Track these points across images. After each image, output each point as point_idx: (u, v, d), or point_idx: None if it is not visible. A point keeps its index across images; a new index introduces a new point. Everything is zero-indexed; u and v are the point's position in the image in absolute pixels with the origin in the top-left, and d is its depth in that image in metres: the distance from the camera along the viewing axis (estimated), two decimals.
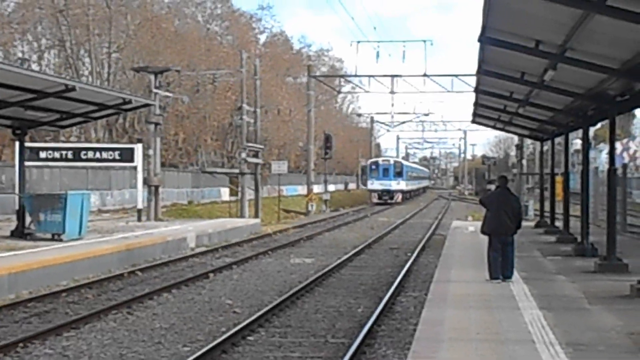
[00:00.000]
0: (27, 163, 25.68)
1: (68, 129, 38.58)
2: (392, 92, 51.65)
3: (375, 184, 70.79)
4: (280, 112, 64.68)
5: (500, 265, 15.39)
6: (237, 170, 44.12)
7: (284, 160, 51.88)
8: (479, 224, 16.98)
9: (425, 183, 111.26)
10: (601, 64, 14.63)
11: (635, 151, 77.38)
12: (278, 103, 65.11)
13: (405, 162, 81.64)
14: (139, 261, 21.61)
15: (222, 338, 11.75)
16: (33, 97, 20.58)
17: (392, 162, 74.40)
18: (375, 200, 69.53)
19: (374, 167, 72.18)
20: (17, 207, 24.50)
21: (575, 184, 31.05)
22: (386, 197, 69.79)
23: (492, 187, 36.03)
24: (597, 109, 19.57)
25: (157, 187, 35.11)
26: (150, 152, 34.80)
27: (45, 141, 41.39)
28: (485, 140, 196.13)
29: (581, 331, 10.67)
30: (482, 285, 14.96)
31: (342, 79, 63.64)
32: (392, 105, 73.97)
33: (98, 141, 52.26)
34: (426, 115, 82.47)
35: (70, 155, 31.65)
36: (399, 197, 71.26)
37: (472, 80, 33.34)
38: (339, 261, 22.50)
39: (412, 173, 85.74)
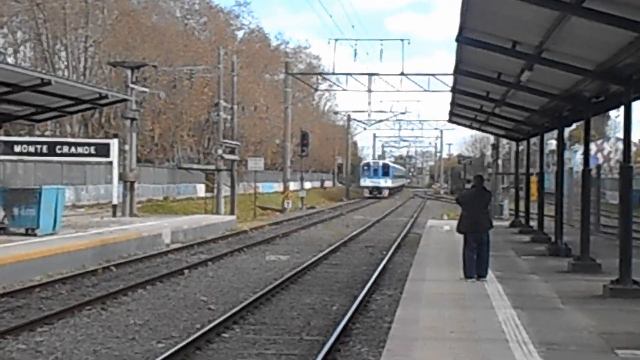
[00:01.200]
0: (1, 157, 25.48)
1: (43, 123, 38.31)
2: (369, 91, 51.50)
3: (367, 182, 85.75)
4: (257, 109, 64.47)
5: (475, 264, 15.46)
6: (213, 167, 43.95)
7: (261, 157, 51.78)
8: (454, 223, 17.05)
9: (404, 181, 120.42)
10: (577, 66, 14.72)
11: (609, 152, 78.10)
12: (255, 100, 64.88)
13: (391, 164, 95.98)
14: (114, 257, 21.52)
15: (196, 335, 11.74)
16: (8, 91, 20.43)
17: (381, 164, 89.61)
18: (366, 195, 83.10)
19: (366, 167, 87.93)
20: None
21: (549, 184, 31.19)
22: (376, 192, 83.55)
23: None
24: (572, 110, 19.71)
25: (132, 183, 34.92)
26: (126, 147, 34.59)
27: (20, 135, 41.06)
28: (461, 140, 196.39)
29: (554, 331, 10.75)
30: (457, 284, 15.02)
31: (319, 77, 63.45)
32: (369, 103, 74.59)
33: (73, 136, 51.85)
34: (403, 114, 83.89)
35: (45, 150, 31.35)
36: (386, 193, 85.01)
37: (449, 80, 33.44)
38: (314, 259, 22.53)
39: (396, 173, 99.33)
